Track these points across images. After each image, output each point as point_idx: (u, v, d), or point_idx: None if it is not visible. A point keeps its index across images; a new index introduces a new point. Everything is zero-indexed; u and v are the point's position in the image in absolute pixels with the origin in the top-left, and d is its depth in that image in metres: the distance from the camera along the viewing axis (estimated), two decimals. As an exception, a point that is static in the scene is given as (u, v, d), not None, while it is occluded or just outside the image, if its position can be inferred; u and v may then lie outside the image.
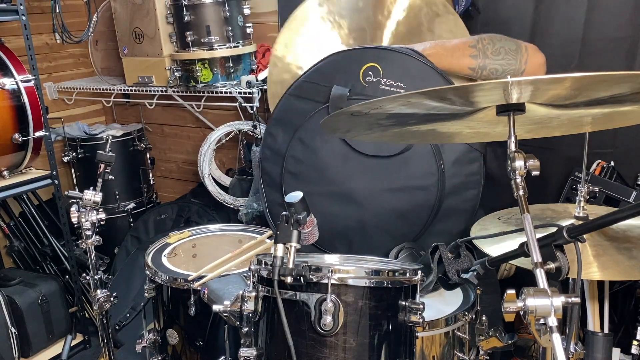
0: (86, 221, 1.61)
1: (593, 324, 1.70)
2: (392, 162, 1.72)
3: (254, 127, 2.57)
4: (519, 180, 1.01)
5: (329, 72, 1.81)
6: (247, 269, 1.25)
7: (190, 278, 1.61)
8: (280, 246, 1.06)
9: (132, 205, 2.99)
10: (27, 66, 2.34)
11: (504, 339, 1.39)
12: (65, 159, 2.91)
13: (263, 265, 1.14)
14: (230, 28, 2.44)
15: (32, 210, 2.78)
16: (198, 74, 2.48)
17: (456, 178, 1.71)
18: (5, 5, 2.26)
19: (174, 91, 2.67)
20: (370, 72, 1.75)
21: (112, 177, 1.69)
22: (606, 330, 1.71)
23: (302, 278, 1.05)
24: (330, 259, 1.40)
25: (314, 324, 1.06)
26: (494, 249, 1.34)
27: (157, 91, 2.76)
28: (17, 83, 2.27)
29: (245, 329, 1.18)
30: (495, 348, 1.42)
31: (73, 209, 1.63)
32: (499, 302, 1.15)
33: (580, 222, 1.33)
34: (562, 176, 2.01)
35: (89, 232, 1.62)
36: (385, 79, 1.74)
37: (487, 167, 1.79)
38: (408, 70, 1.72)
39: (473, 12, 1.99)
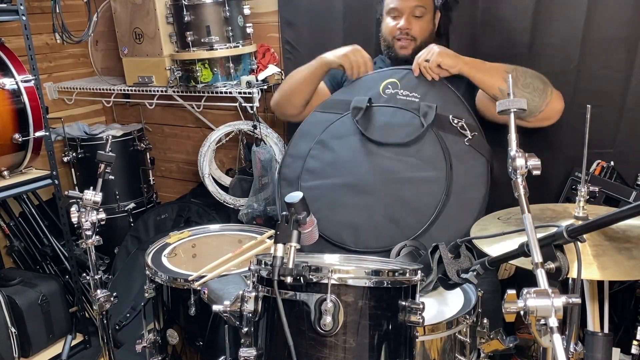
0: (86, 221, 1.61)
1: (593, 324, 1.70)
2: (402, 152, 1.77)
3: (254, 127, 2.57)
4: (519, 179, 1.01)
5: (353, 90, 1.97)
6: (247, 269, 1.25)
7: (190, 278, 1.61)
8: (280, 246, 1.06)
9: (132, 205, 2.99)
10: (27, 66, 2.34)
11: (506, 342, 1.38)
12: (65, 159, 2.91)
13: (263, 266, 1.13)
14: (230, 28, 2.44)
15: (32, 210, 2.78)
16: (198, 74, 2.48)
17: (463, 178, 1.74)
18: (5, 5, 2.26)
19: (174, 91, 2.67)
20: (389, 86, 1.91)
21: (112, 177, 1.69)
22: (606, 330, 1.70)
23: (302, 278, 1.04)
24: (330, 259, 1.40)
25: (313, 324, 1.06)
26: (493, 249, 1.33)
27: (157, 91, 2.76)
28: (17, 83, 2.27)
29: (245, 329, 1.18)
30: (496, 351, 1.42)
31: (73, 209, 1.63)
32: (499, 302, 1.15)
33: (580, 222, 1.33)
34: (562, 176, 2.01)
35: (89, 232, 1.62)
36: (402, 90, 1.89)
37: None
38: (421, 83, 1.87)
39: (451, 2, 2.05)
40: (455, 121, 1.77)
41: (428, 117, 1.77)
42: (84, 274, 1.71)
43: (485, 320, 1.41)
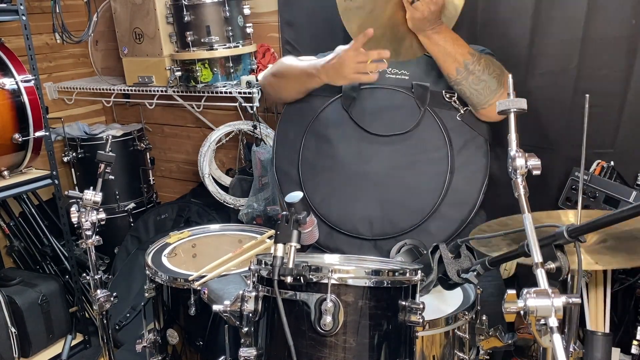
0: (86, 221, 1.61)
1: (592, 324, 1.70)
2: (403, 139, 1.76)
3: (254, 127, 2.57)
4: (519, 179, 1.01)
5: None
6: (247, 269, 1.25)
7: (190, 278, 1.61)
8: (280, 246, 1.06)
9: (132, 205, 2.99)
10: (27, 66, 2.34)
11: (504, 339, 1.39)
12: (65, 159, 2.91)
13: (263, 265, 1.14)
14: (230, 28, 2.44)
15: (32, 210, 2.78)
16: (198, 74, 2.48)
17: (463, 152, 1.74)
18: (5, 5, 2.26)
19: (174, 91, 2.67)
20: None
21: (112, 177, 1.69)
22: (606, 330, 1.70)
23: (302, 278, 1.05)
24: (330, 258, 1.40)
25: (314, 324, 1.06)
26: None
27: (157, 91, 2.76)
28: (17, 83, 2.27)
29: (245, 329, 1.18)
30: (495, 348, 1.42)
31: (73, 209, 1.63)
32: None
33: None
34: (562, 176, 2.01)
35: (89, 232, 1.62)
36: (390, 68, 1.82)
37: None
38: (410, 60, 1.80)
39: None
40: (448, 95, 1.75)
41: (423, 99, 1.75)
42: (84, 274, 1.71)
43: (484, 317, 1.41)
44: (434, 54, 1.71)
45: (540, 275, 0.91)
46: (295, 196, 1.12)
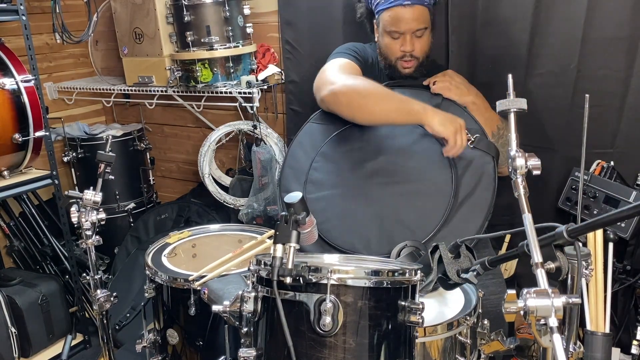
0: (86, 221, 1.62)
1: (592, 324, 1.70)
2: (407, 159, 1.78)
3: (254, 127, 2.57)
4: (519, 179, 1.01)
5: None
6: (247, 269, 1.25)
7: (190, 278, 1.61)
8: (279, 246, 1.06)
9: (132, 205, 2.99)
10: (27, 66, 2.34)
11: (506, 343, 1.38)
12: (65, 159, 2.91)
13: (262, 266, 1.13)
14: (230, 28, 2.44)
15: (32, 210, 2.78)
16: (198, 74, 2.48)
17: (470, 178, 1.74)
18: (5, 5, 2.26)
19: (174, 91, 2.67)
20: None
21: (112, 177, 1.70)
22: (606, 330, 1.70)
23: (301, 278, 1.04)
24: (330, 259, 1.40)
25: (313, 325, 1.06)
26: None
27: (157, 91, 2.76)
28: (17, 83, 2.27)
29: (245, 329, 1.18)
30: (497, 352, 1.42)
31: (73, 209, 1.63)
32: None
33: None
34: (562, 176, 2.01)
35: (89, 232, 1.62)
36: None
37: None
38: (421, 97, 1.83)
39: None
40: None
41: None
42: (84, 274, 1.71)
43: (485, 321, 1.41)
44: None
45: (540, 275, 0.91)
46: (295, 196, 1.11)
